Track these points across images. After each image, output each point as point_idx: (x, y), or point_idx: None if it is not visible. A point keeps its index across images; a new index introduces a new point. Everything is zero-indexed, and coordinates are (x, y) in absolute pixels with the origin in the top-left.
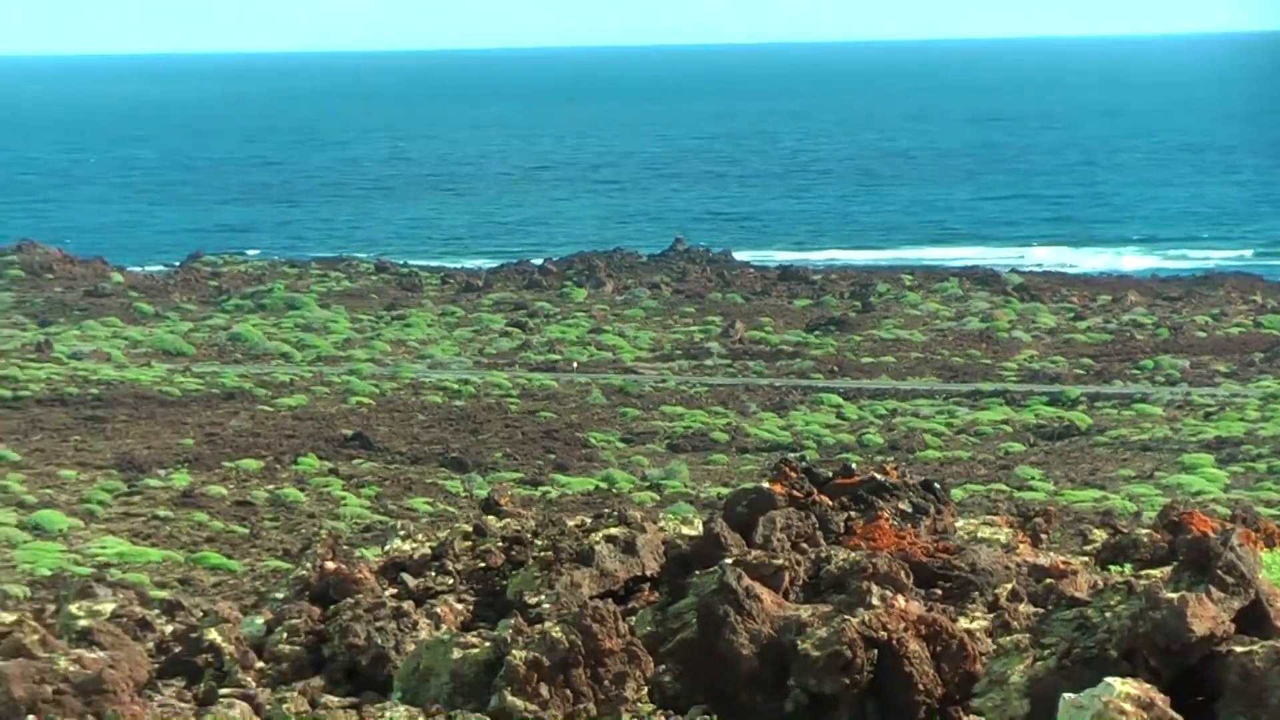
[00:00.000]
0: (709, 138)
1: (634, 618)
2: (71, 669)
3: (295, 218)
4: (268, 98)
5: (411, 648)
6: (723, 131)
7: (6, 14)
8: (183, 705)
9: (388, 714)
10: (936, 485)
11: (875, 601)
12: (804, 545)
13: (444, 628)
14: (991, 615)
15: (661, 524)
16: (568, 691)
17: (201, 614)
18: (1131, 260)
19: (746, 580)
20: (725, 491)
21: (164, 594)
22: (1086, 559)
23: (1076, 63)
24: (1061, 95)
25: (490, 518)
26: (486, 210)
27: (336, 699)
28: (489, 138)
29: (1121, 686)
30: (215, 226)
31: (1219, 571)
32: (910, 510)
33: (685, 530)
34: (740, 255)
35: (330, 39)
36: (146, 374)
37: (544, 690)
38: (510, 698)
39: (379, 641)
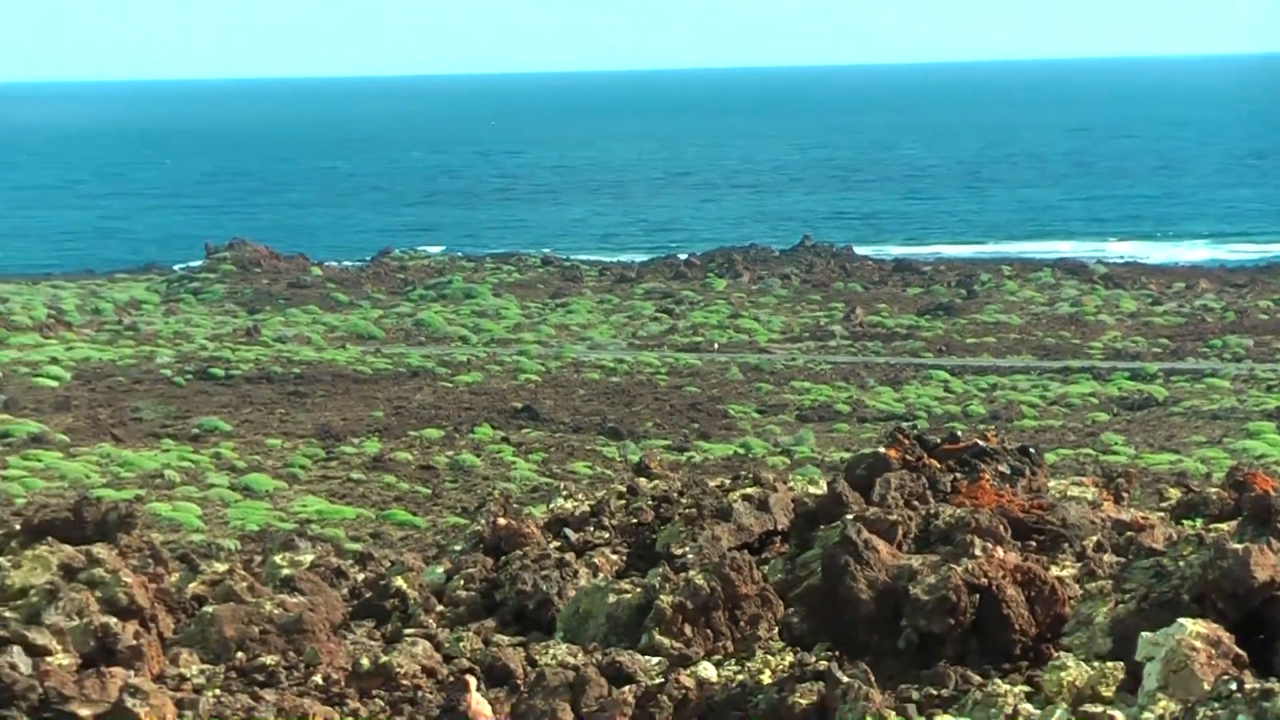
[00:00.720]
0: (835, 147)
1: (767, 566)
2: (276, 612)
3: (472, 218)
4: (447, 115)
5: (572, 593)
6: (848, 142)
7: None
8: (372, 643)
9: (551, 651)
10: (1031, 450)
11: (978, 552)
12: (915, 503)
13: (601, 576)
14: (1079, 564)
15: (791, 484)
16: (708, 631)
17: (389, 564)
18: (1201, 252)
19: (865, 533)
20: (847, 456)
21: (357, 546)
22: (1163, 514)
23: (1152, 80)
24: (1140, 109)
25: (642, 479)
26: (639, 211)
27: (507, 638)
28: (641, 148)
29: (1193, 626)
30: (402, 226)
31: (1279, 525)
32: (1008, 472)
33: (812, 490)
34: (860, 250)
35: (500, 63)
36: (342, 355)
37: (688, 630)
38: (658, 637)
39: (544, 588)
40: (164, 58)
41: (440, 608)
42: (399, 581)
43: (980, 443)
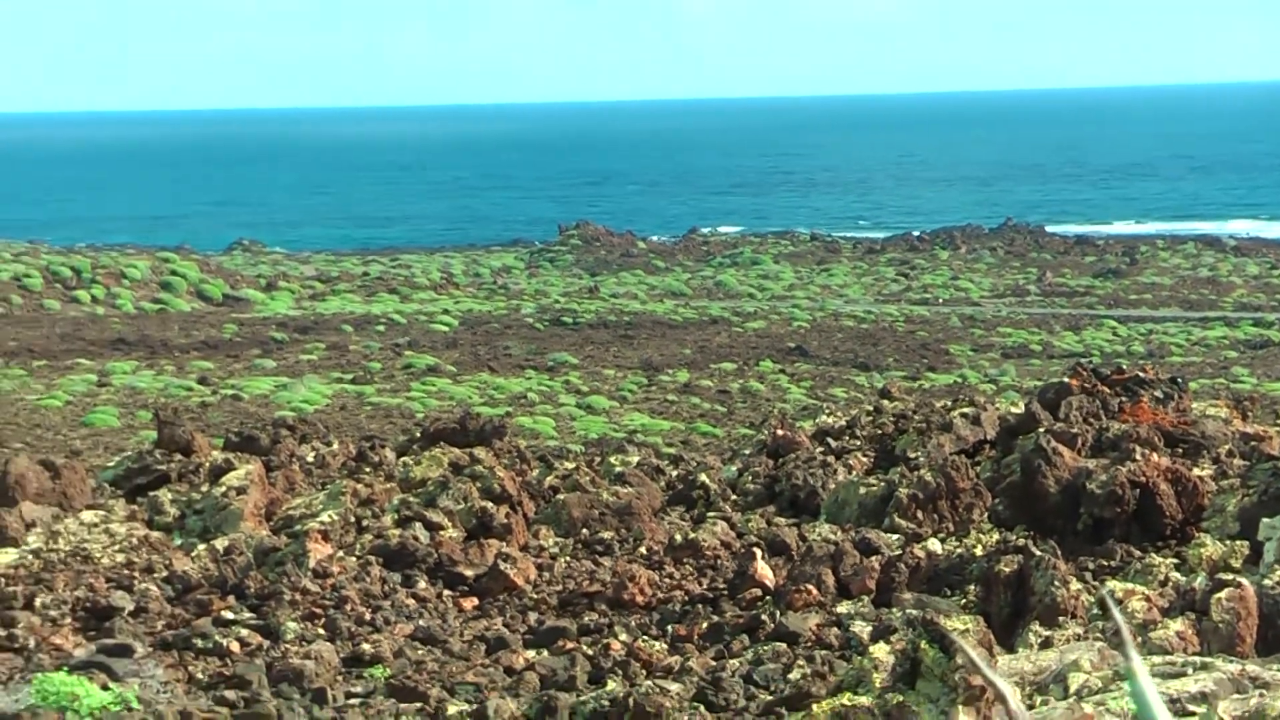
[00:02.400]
0: (1033, 149)
1: (979, 467)
2: (611, 499)
3: (759, 204)
4: (741, 129)
5: (833, 486)
6: (1044, 145)
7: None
8: (683, 523)
9: (817, 530)
10: (1178, 380)
11: (1138, 457)
12: (1091, 419)
13: (854, 473)
14: (1214, 466)
15: (997, 405)
16: (935, 515)
17: (695, 464)
18: None
19: (1053, 443)
20: (1039, 384)
21: (671, 451)
22: (1279, 429)
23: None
24: (1263, 120)
25: (885, 401)
26: (884, 198)
27: (783, 520)
28: (889, 152)
29: None
30: (706, 210)
31: None
32: (1161, 396)
33: (1013, 409)
34: (1050, 228)
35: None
36: (660, 307)
37: (919, 515)
38: (897, 519)
39: (812, 482)
40: (543, 83)
41: (734, 496)
42: (703, 477)
43: (1140, 374)
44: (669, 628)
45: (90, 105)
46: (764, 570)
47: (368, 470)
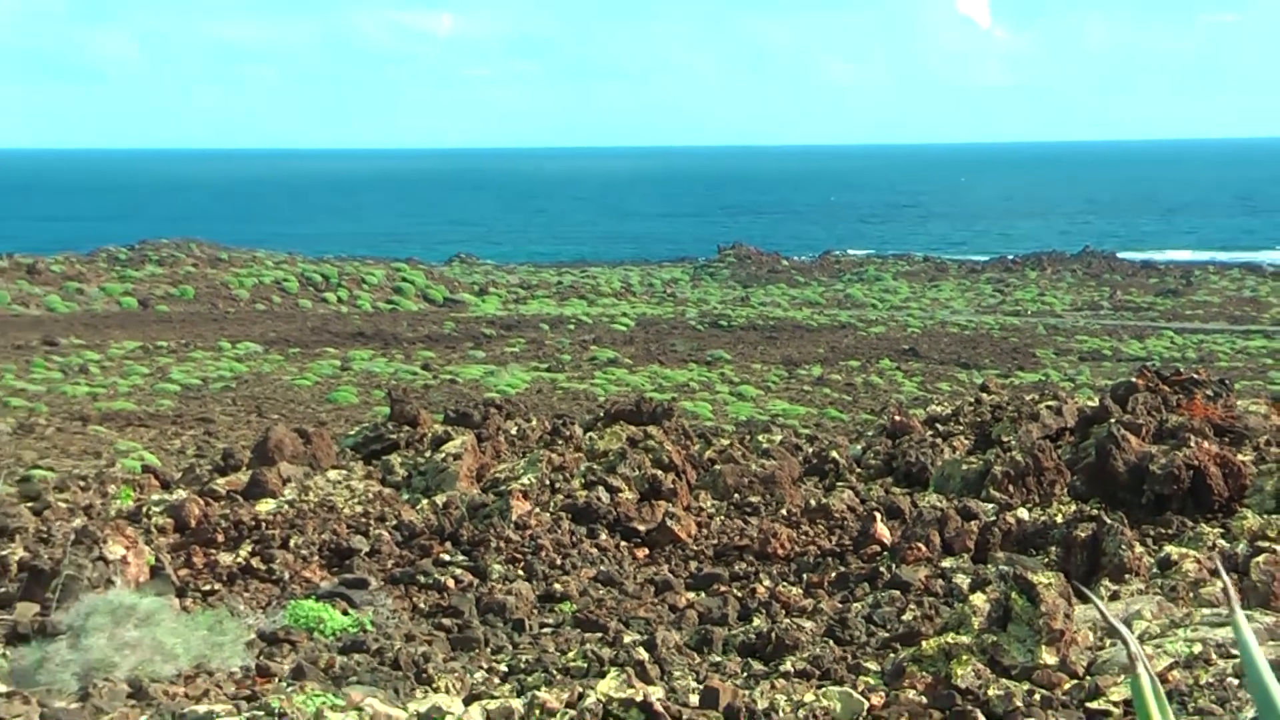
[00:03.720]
0: (1111, 188)
1: (1060, 450)
2: (758, 470)
3: (881, 231)
4: (868, 172)
5: (940, 463)
6: (1118, 184)
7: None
8: (816, 490)
9: (927, 499)
10: (1225, 381)
11: (1192, 444)
12: (1153, 413)
13: (957, 452)
14: (1255, 453)
15: (1076, 400)
16: (1024, 489)
17: (827, 442)
18: None
19: (1123, 431)
20: (1110, 383)
21: (807, 431)
22: None
23: None
24: None
25: (983, 394)
26: (985, 228)
27: (899, 490)
28: (991, 191)
29: None
30: (838, 235)
31: None
32: (1211, 395)
33: (1089, 403)
34: (1121, 254)
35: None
36: (799, 314)
37: (1010, 488)
38: (993, 492)
39: (923, 459)
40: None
41: (858, 470)
42: (833, 453)
43: (1194, 376)
44: (804, 576)
45: (355, 144)
46: (882, 530)
47: (560, 443)
